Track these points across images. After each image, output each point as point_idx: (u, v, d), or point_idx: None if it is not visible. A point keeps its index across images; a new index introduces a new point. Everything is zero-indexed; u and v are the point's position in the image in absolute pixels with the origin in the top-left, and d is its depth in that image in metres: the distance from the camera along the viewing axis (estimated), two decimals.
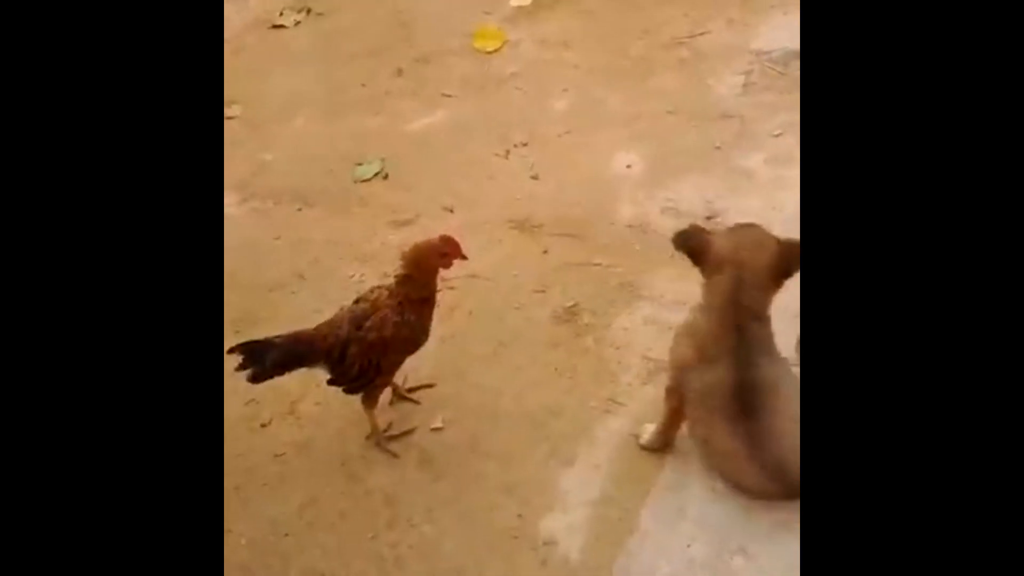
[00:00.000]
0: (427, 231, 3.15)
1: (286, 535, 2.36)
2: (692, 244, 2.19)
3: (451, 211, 3.28)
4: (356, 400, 2.51)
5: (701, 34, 3.89)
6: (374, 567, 2.24)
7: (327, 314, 2.84)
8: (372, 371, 2.37)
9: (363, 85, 4.01)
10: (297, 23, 4.48)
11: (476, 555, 2.24)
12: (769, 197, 3.11)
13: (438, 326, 2.80)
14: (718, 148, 3.35)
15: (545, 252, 3.03)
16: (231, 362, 2.25)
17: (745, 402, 2.14)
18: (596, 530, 2.26)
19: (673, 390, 2.29)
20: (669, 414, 2.33)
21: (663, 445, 2.38)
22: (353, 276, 3.04)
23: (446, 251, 2.33)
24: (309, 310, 2.86)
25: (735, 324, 2.14)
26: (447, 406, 2.60)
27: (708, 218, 3.05)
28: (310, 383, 2.64)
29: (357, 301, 2.45)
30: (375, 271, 3.04)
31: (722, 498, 2.26)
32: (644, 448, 2.40)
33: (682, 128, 3.47)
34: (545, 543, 2.25)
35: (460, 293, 2.88)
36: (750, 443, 2.13)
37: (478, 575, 2.20)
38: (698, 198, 3.15)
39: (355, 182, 3.48)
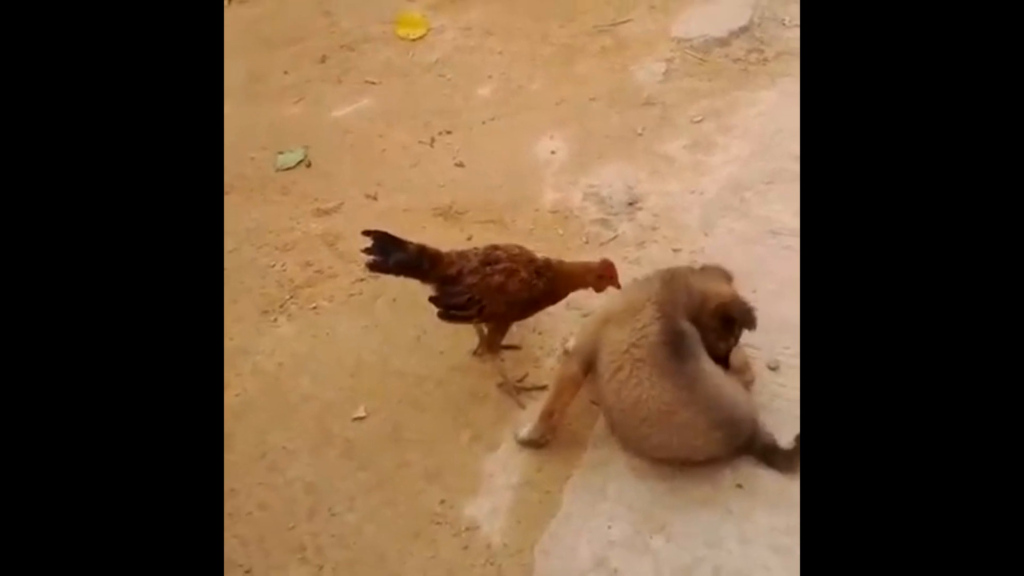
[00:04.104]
0: (350, 219, 3.14)
1: None
2: None
3: (375, 199, 3.25)
4: (277, 390, 2.48)
5: (623, 22, 3.92)
6: (294, 557, 2.22)
7: (244, 304, 2.82)
8: (475, 309, 2.40)
9: (286, 72, 3.95)
10: None
11: (398, 542, 2.23)
12: (689, 182, 3.15)
13: (360, 315, 2.79)
14: (640, 134, 3.38)
15: (469, 239, 3.02)
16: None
17: (675, 348, 2.18)
18: (518, 513, 2.26)
19: (579, 351, 2.30)
20: (559, 387, 2.32)
21: (543, 435, 2.37)
22: (274, 265, 3.00)
23: (603, 274, 2.42)
24: (227, 300, 2.82)
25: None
26: (370, 395, 2.58)
27: (630, 204, 3.08)
28: (229, 373, 2.60)
29: (494, 248, 2.47)
30: (296, 260, 3.00)
31: (643, 477, 2.29)
32: (523, 443, 2.39)
33: (604, 114, 3.50)
34: (468, 528, 2.25)
35: (383, 282, 2.86)
36: (688, 386, 2.17)
37: (400, 562, 2.19)
38: (620, 183, 3.17)
39: (277, 170, 3.43)
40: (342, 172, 3.39)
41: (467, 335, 2.64)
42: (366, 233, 2.40)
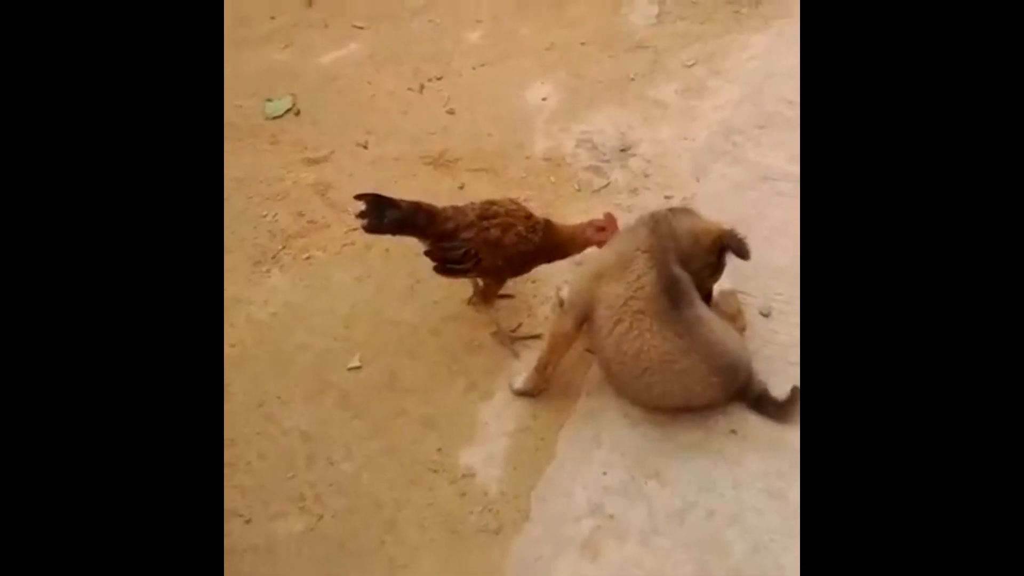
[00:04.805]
0: (341, 168, 3.12)
1: None
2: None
3: (365, 147, 3.22)
4: (272, 341, 2.48)
5: None
6: (294, 506, 2.24)
7: (236, 255, 2.81)
8: (472, 263, 2.41)
9: (272, 17, 3.88)
10: None
11: (396, 489, 2.26)
12: (682, 128, 3.13)
13: (353, 265, 2.79)
14: (632, 79, 3.35)
15: (461, 187, 3.01)
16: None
17: (672, 296, 2.20)
18: (514, 460, 2.29)
19: (572, 308, 2.31)
20: (553, 343, 2.34)
21: (537, 385, 2.39)
22: (265, 216, 2.98)
23: (604, 226, 2.43)
24: None
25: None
26: (365, 345, 2.59)
27: (622, 150, 3.07)
28: (223, 323, 2.60)
29: (490, 203, 2.47)
30: (288, 210, 2.98)
31: (636, 424, 2.32)
32: (519, 393, 2.42)
33: (596, 59, 3.46)
34: (464, 475, 2.28)
35: None
36: (687, 333, 2.19)
37: (397, 509, 2.22)
38: (612, 130, 3.15)
39: (266, 119, 3.39)
40: (331, 120, 3.35)
41: (461, 284, 2.64)
42: (358, 197, 2.38)
